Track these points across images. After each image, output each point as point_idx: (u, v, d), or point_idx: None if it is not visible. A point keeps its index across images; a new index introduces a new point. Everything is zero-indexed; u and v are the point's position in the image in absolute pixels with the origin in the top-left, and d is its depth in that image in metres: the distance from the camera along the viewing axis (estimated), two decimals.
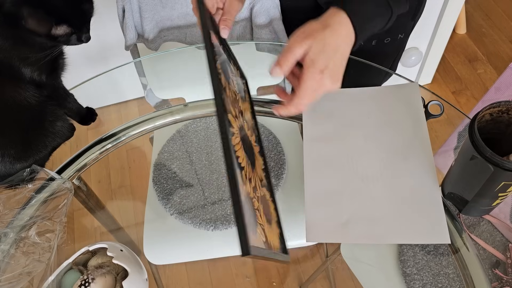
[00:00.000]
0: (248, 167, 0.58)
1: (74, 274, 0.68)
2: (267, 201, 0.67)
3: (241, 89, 0.73)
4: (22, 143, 0.81)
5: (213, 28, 0.60)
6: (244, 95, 0.75)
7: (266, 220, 0.60)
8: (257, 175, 0.66)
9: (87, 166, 0.95)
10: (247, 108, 0.73)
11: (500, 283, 0.72)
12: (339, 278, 0.82)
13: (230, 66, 0.68)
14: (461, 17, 2.00)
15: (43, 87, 0.81)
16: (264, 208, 0.62)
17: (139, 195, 0.99)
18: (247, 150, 0.60)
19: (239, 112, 0.63)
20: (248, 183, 0.55)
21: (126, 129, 1.01)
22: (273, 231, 0.62)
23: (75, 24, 0.76)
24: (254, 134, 0.73)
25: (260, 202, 0.60)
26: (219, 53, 0.60)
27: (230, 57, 0.71)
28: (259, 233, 0.52)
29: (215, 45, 0.56)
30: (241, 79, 0.77)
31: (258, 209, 0.56)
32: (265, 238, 0.54)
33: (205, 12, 0.57)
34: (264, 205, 0.64)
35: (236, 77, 0.71)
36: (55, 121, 0.85)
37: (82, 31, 0.78)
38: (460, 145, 0.79)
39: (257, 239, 0.51)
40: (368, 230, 0.71)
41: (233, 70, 0.70)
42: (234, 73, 0.70)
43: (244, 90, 0.77)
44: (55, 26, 0.73)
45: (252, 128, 0.72)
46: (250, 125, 0.72)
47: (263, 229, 0.55)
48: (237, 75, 0.73)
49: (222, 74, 0.56)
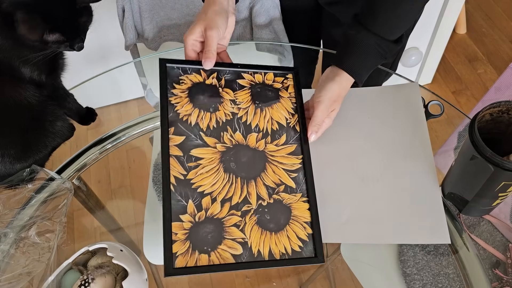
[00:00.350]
0: (228, 188, 0.67)
1: (74, 274, 0.68)
2: (284, 206, 0.68)
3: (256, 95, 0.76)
4: (22, 143, 0.81)
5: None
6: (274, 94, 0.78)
7: (266, 228, 0.65)
8: (261, 185, 0.69)
9: (87, 166, 0.95)
10: (281, 107, 0.76)
11: (500, 283, 0.72)
12: (339, 278, 0.82)
13: (236, 83, 0.76)
14: (461, 17, 2.00)
15: (43, 87, 0.81)
16: (273, 215, 0.67)
17: (139, 195, 0.99)
18: (236, 168, 0.69)
19: (238, 128, 0.72)
20: (216, 206, 0.65)
21: (126, 129, 1.01)
22: (286, 235, 0.66)
23: (68, 34, 0.75)
24: (288, 134, 0.74)
25: (257, 213, 0.66)
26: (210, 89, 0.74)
27: (243, 69, 0.78)
28: (222, 249, 0.63)
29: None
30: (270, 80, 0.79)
31: (238, 225, 0.65)
32: (243, 250, 0.63)
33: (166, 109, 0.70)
34: (273, 212, 0.67)
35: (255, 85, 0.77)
36: (55, 121, 0.85)
37: (75, 41, 0.77)
38: (460, 145, 0.79)
39: (214, 257, 0.62)
40: (368, 230, 0.71)
41: (238, 85, 0.76)
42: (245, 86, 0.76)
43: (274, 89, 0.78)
44: (48, 33, 0.72)
45: (282, 131, 0.74)
46: (275, 128, 0.74)
47: (245, 241, 0.64)
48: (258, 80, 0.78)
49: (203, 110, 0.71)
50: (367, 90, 0.85)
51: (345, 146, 0.79)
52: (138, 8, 1.07)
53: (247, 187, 0.68)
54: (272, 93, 0.77)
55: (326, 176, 0.76)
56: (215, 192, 0.66)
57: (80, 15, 0.76)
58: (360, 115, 0.82)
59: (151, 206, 0.93)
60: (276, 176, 0.70)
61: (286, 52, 1.11)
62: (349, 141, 0.80)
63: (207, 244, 0.63)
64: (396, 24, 0.69)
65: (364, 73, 0.72)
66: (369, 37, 0.69)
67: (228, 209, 0.66)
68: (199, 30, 0.70)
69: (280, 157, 0.71)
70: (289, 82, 0.79)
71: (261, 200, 0.67)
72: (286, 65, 1.12)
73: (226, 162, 0.69)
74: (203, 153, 0.69)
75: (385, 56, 0.71)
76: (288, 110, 0.76)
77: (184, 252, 0.62)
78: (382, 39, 0.69)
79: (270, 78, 0.78)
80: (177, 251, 0.61)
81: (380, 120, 0.82)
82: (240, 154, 0.70)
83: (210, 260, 0.62)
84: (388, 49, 0.70)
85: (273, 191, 0.68)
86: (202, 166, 0.67)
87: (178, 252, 0.61)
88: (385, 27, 0.69)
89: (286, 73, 0.80)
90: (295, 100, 0.77)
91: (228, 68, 0.76)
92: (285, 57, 1.12)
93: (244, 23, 1.09)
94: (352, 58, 0.71)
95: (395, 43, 0.71)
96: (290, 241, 0.65)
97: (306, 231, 0.66)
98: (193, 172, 0.67)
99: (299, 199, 0.68)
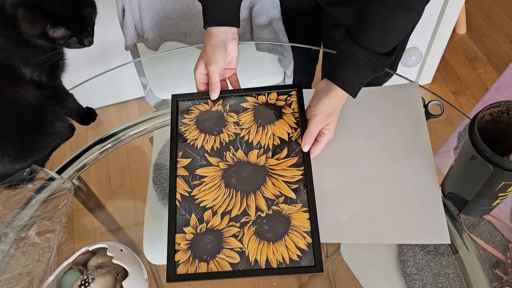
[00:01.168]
0: (228, 201, 0.72)
1: (74, 274, 0.68)
2: (283, 216, 0.70)
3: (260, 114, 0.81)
4: (21, 143, 0.80)
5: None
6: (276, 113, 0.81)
7: (263, 238, 0.68)
8: (261, 198, 0.72)
9: (87, 166, 0.95)
10: (281, 125, 0.79)
11: (500, 283, 0.72)
12: (339, 278, 0.82)
13: (240, 107, 0.82)
14: (461, 17, 2.00)
15: (43, 87, 0.81)
16: (272, 225, 0.69)
17: (139, 195, 0.99)
18: (237, 183, 0.74)
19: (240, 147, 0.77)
20: (217, 218, 0.71)
21: (126, 129, 1.01)
22: (285, 245, 0.68)
23: (74, 28, 0.75)
24: (290, 148, 0.77)
25: (255, 224, 0.69)
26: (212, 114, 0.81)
27: (246, 93, 0.83)
28: (221, 257, 0.67)
29: None
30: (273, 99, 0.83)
31: (236, 235, 0.69)
32: (240, 259, 0.67)
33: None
34: (272, 223, 0.69)
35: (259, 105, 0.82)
36: (55, 121, 0.85)
37: (83, 35, 0.78)
38: (460, 145, 0.79)
39: (213, 265, 0.67)
40: (368, 230, 0.71)
41: (242, 107, 0.82)
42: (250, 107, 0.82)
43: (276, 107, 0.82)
44: (52, 29, 0.72)
45: (286, 143, 0.77)
46: (276, 142, 0.77)
47: (242, 251, 0.68)
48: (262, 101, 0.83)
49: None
50: (367, 90, 0.85)
51: (345, 146, 0.79)
52: (138, 8, 1.07)
53: (247, 200, 0.72)
54: (274, 111, 0.81)
55: (326, 176, 0.76)
56: (216, 206, 0.72)
57: (83, 7, 0.76)
58: (360, 115, 0.82)
59: (151, 206, 0.93)
60: (276, 188, 0.72)
61: (286, 52, 1.11)
62: (349, 141, 0.80)
63: (207, 253, 0.68)
64: (385, 39, 0.70)
65: (357, 86, 0.73)
66: (358, 51, 0.70)
67: (228, 221, 0.70)
68: (202, 66, 0.78)
69: (281, 170, 0.74)
70: (292, 99, 0.82)
71: (259, 212, 0.71)
72: (286, 65, 1.12)
73: (228, 178, 0.74)
74: (206, 171, 0.76)
75: (376, 70, 0.71)
76: (290, 125, 0.79)
77: (185, 260, 0.68)
78: (372, 52, 0.69)
79: (274, 97, 0.82)
80: (179, 259, 0.68)
81: (380, 120, 0.82)
82: (241, 170, 0.75)
83: (208, 267, 0.67)
84: (379, 62, 0.70)
85: (272, 203, 0.71)
86: (205, 183, 0.74)
87: (180, 261, 0.68)
88: (374, 41, 0.69)
89: (289, 91, 0.83)
90: (298, 115, 0.79)
91: (233, 94, 0.83)
92: (285, 57, 1.12)
93: (244, 23, 1.09)
94: (344, 72, 0.72)
95: (387, 55, 0.71)
96: (288, 250, 0.67)
97: (306, 240, 0.68)
98: (197, 189, 0.74)
99: (299, 209, 0.70)
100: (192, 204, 0.73)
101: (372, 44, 0.69)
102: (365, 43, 0.69)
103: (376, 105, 0.84)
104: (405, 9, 0.66)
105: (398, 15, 0.67)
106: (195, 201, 0.73)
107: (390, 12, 0.67)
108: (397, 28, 0.69)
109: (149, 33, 1.11)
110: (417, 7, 0.67)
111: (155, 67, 1.18)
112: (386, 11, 0.67)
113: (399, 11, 0.66)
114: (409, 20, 0.68)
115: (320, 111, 0.74)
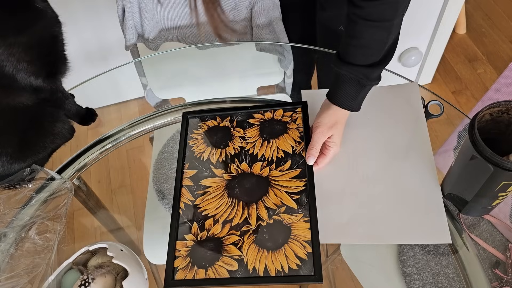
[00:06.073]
0: (230, 211, 0.73)
1: (74, 274, 0.68)
2: (284, 225, 0.70)
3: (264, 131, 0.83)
4: (19, 143, 0.80)
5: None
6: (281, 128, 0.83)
7: (263, 247, 0.69)
8: (262, 207, 0.73)
9: (87, 166, 0.95)
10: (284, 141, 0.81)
11: (500, 283, 0.72)
12: (339, 278, 0.82)
13: (247, 123, 0.85)
14: (461, 17, 2.00)
15: (40, 90, 0.79)
16: (272, 234, 0.70)
17: (139, 195, 0.99)
18: (239, 193, 0.75)
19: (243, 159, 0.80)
20: (218, 226, 0.72)
21: (126, 129, 1.01)
22: (284, 253, 0.68)
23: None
24: (293, 160, 0.78)
25: (255, 233, 0.70)
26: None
27: (253, 110, 0.87)
28: (219, 265, 0.68)
29: None
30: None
31: (236, 243, 0.70)
32: (239, 266, 0.67)
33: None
34: (272, 232, 0.70)
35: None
36: (55, 122, 0.85)
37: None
38: (460, 145, 0.79)
39: (211, 272, 0.68)
40: (368, 230, 0.71)
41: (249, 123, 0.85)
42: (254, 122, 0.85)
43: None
44: None
45: (292, 156, 0.79)
46: (279, 155, 0.79)
47: (241, 258, 0.68)
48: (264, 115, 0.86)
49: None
50: None
51: (345, 146, 0.79)
52: (138, 8, 1.07)
53: (248, 209, 0.73)
54: (280, 126, 0.83)
55: (327, 177, 0.76)
56: (218, 214, 0.74)
57: None
58: (360, 115, 0.82)
59: (151, 206, 0.93)
60: (278, 198, 0.73)
61: (286, 52, 1.11)
62: (349, 141, 0.80)
63: (206, 260, 0.69)
64: (364, 51, 0.70)
65: (351, 101, 0.75)
66: (340, 67, 0.72)
67: (228, 229, 0.72)
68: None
69: (284, 181, 0.75)
70: (297, 115, 0.84)
71: (260, 221, 0.71)
72: (286, 65, 1.13)
73: (231, 188, 0.76)
74: (211, 182, 0.78)
75: (362, 82, 0.72)
76: (295, 139, 0.80)
77: (184, 266, 0.69)
78: (353, 65, 0.70)
79: (279, 114, 0.85)
80: (178, 265, 0.69)
81: (380, 120, 0.82)
82: (244, 181, 0.77)
83: (206, 274, 0.68)
84: (362, 75, 0.71)
85: (273, 212, 0.72)
86: (208, 193, 0.77)
87: (179, 267, 0.69)
88: (354, 55, 0.71)
89: (295, 107, 0.85)
90: (303, 129, 0.81)
91: (240, 110, 0.87)
92: (285, 57, 1.12)
93: (244, 23, 1.09)
94: (337, 91, 0.75)
95: (372, 66, 0.71)
96: (287, 259, 0.67)
97: (306, 249, 0.68)
98: (200, 199, 0.76)
99: (300, 219, 0.71)
100: (195, 212, 0.74)
101: (352, 58, 0.71)
102: (347, 58, 0.71)
103: (376, 105, 0.84)
104: (374, 21, 0.66)
105: (368, 29, 0.67)
106: (198, 209, 0.75)
107: (359, 28, 0.68)
108: (374, 40, 0.69)
109: (149, 33, 1.11)
110: (387, 18, 0.66)
111: (155, 67, 1.18)
112: (356, 27, 0.68)
113: (369, 25, 0.66)
114: (384, 30, 0.68)
115: (322, 123, 0.76)
